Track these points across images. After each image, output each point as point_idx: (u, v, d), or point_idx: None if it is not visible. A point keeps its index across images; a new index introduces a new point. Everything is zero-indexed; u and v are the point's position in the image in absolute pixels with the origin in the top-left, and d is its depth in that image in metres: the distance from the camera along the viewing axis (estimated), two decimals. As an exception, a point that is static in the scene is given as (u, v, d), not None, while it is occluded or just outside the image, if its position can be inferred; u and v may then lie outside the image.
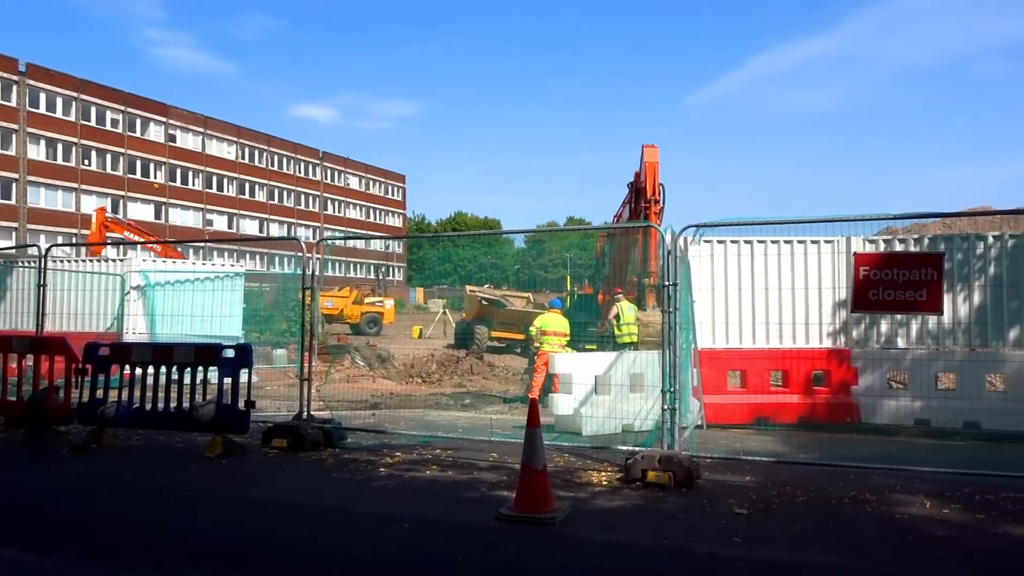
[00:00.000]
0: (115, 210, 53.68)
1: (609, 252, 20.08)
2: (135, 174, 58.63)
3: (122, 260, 15.36)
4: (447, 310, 35.59)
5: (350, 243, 77.60)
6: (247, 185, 69.37)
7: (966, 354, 10.08)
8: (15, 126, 50.05)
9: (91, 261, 16.18)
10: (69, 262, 16.07)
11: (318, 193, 77.92)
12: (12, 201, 49.94)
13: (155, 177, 60.53)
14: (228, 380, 8.05)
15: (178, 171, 62.37)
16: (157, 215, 60.04)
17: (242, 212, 68.55)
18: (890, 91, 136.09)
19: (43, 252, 10.49)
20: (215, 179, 66.06)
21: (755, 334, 10.46)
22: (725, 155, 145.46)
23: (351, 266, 75.43)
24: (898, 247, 10.69)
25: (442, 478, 6.97)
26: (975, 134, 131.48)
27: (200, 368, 8.23)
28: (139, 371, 8.52)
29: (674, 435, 6.85)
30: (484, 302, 25.02)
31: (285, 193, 73.79)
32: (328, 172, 79.68)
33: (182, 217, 62.44)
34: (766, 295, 10.38)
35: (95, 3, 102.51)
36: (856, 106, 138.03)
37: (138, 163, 58.94)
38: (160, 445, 8.67)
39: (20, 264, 15.84)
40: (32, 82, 50.99)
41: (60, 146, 53.08)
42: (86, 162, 54.90)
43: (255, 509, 6.06)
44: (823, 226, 9.45)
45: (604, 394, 9.45)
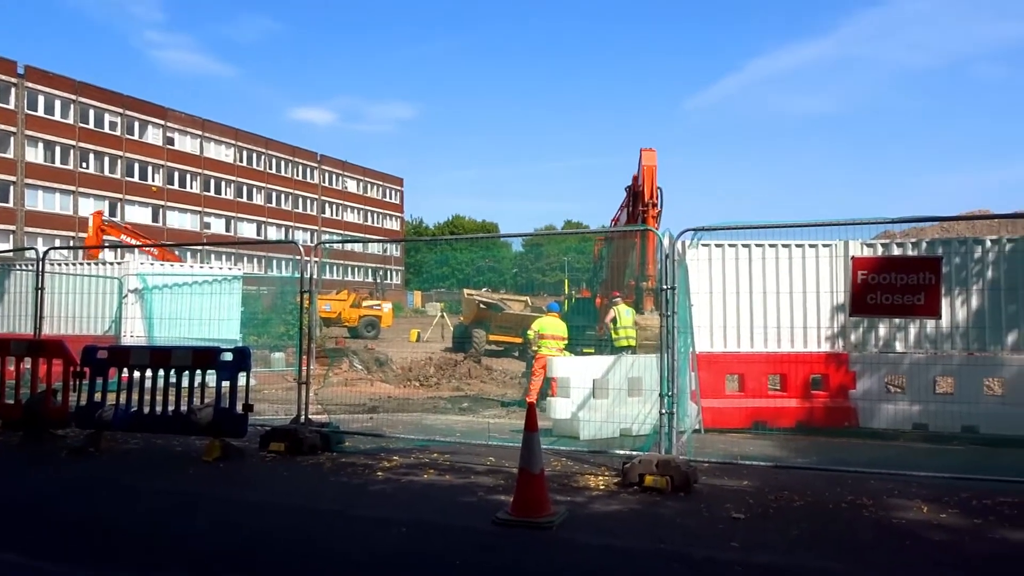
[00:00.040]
0: (113, 213, 53.71)
1: (607, 256, 20.07)
2: (133, 177, 58.61)
3: (120, 263, 15.37)
4: (445, 314, 35.56)
5: (348, 246, 77.63)
6: (245, 188, 69.35)
7: (964, 358, 10.09)
8: (13, 128, 50.01)
9: (89, 264, 16.17)
10: (67, 265, 16.06)
11: (316, 196, 77.92)
12: (10, 204, 49.89)
13: (153, 180, 60.53)
14: (226, 384, 8.04)
15: (176, 174, 62.36)
16: (155, 218, 60.02)
17: (240, 215, 68.53)
18: (889, 94, 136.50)
19: (41, 255, 10.47)
20: (213, 182, 66.05)
21: (753, 338, 10.46)
22: (724, 158, 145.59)
23: (349, 269, 75.42)
24: (896, 251, 10.70)
25: (440, 482, 6.97)
26: (973, 137, 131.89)
27: (198, 371, 8.24)
28: (137, 374, 8.53)
29: (672, 439, 6.84)
30: (482, 306, 25.04)
31: (283, 196, 73.79)
32: (326, 175, 79.69)
33: (180, 220, 62.41)
34: (764, 299, 10.38)
35: (94, 5, 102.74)
36: (855, 109, 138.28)
37: (136, 166, 58.93)
38: (158, 449, 8.66)
39: (18, 267, 15.80)
40: (31, 84, 50.98)
41: (58, 148, 53.04)
42: (84, 165, 54.87)
43: (253, 513, 6.06)
44: (821, 230, 9.50)
45: (602, 398, 9.44)
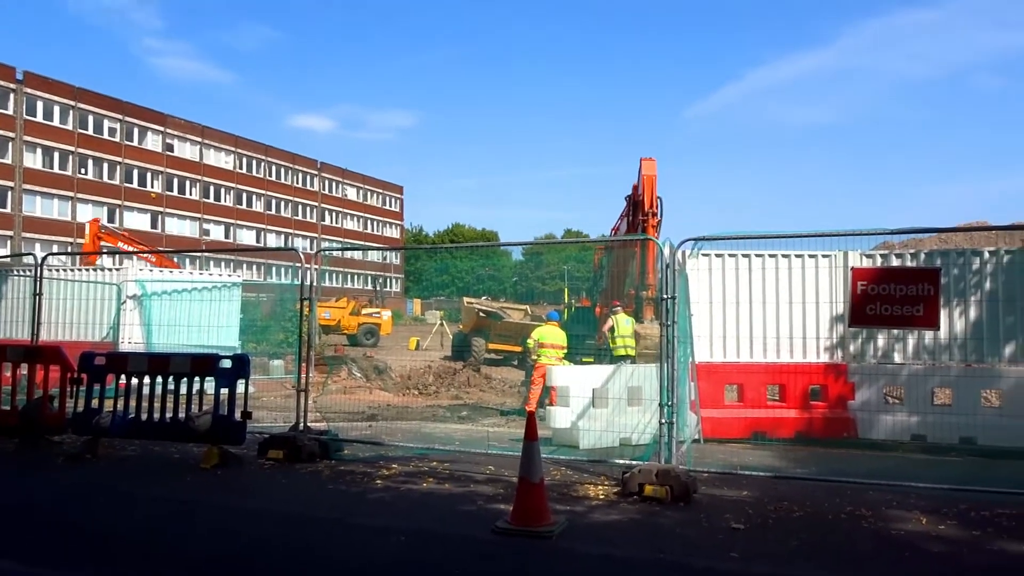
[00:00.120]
0: (111, 219, 53.74)
1: (607, 265, 20.10)
2: (132, 183, 58.63)
3: (118, 269, 15.33)
4: (444, 322, 35.50)
5: (347, 254, 77.62)
6: (244, 195, 69.39)
7: (962, 370, 10.11)
8: (12, 134, 50.04)
9: (87, 270, 16.14)
10: (65, 271, 16.04)
11: (316, 203, 77.96)
12: (8, 209, 49.87)
13: (152, 186, 60.52)
14: (225, 391, 8.02)
15: (175, 180, 62.39)
16: (154, 224, 60.01)
17: (239, 222, 68.53)
18: (888, 104, 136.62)
19: (39, 261, 10.45)
20: (212, 189, 66.08)
21: (752, 348, 10.47)
22: (724, 167, 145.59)
23: (348, 277, 75.44)
24: (895, 262, 10.73)
25: (439, 491, 6.96)
26: (972, 148, 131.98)
27: (196, 378, 8.23)
28: (135, 381, 8.50)
29: (671, 449, 6.83)
30: (481, 314, 25.02)
31: (282, 203, 73.83)
32: (326, 183, 79.76)
33: (179, 226, 62.40)
34: (764, 309, 10.40)
35: (94, 11, 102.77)
36: (855, 119, 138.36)
37: (135, 172, 58.95)
38: (155, 455, 8.64)
39: (16, 273, 15.77)
40: (29, 90, 51.04)
41: (57, 154, 53.07)
42: (83, 171, 54.87)
43: (251, 520, 6.04)
44: (821, 240, 9.49)
45: (602, 407, 9.43)
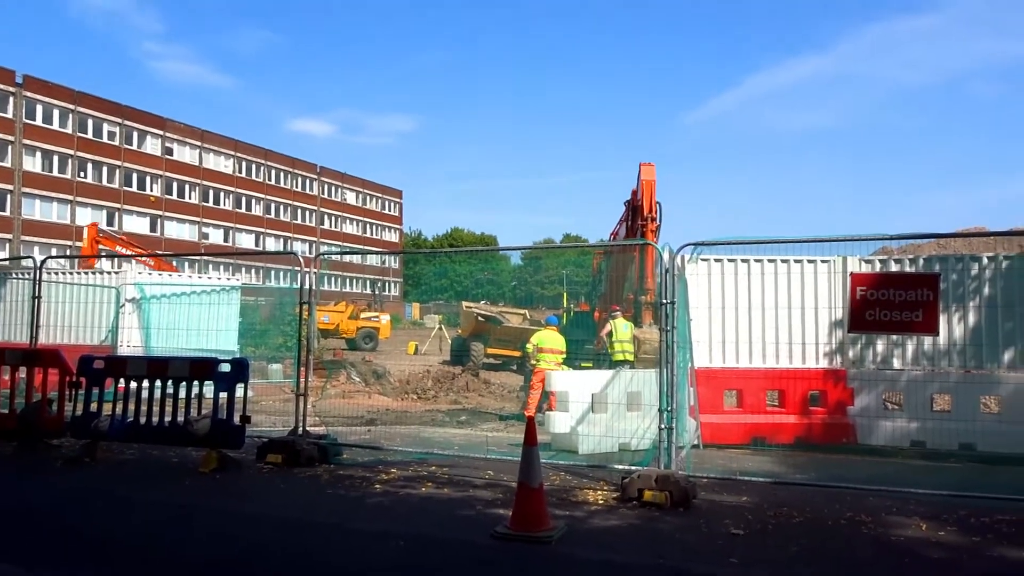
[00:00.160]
0: (111, 222, 53.77)
1: (606, 270, 20.11)
2: (131, 187, 58.66)
3: (117, 273, 15.33)
4: (443, 326, 35.50)
5: (347, 258, 77.63)
6: (244, 199, 69.43)
7: (961, 376, 10.10)
8: (11, 137, 50.07)
9: (86, 273, 16.13)
10: (64, 274, 16.02)
11: (315, 208, 78.01)
12: (7, 212, 49.88)
13: (151, 190, 60.56)
14: (224, 395, 8.00)
15: (175, 184, 62.42)
16: (153, 228, 60.02)
17: (238, 226, 68.55)
18: (886, 110, 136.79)
19: (38, 264, 10.45)
20: (211, 192, 66.13)
21: (752, 353, 10.47)
22: (723, 173, 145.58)
23: (347, 281, 75.44)
24: (894, 267, 10.75)
25: (438, 495, 6.95)
26: (969, 154, 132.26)
27: (195, 382, 8.22)
28: (134, 384, 8.49)
29: (671, 454, 6.82)
30: (480, 318, 25.02)
31: (282, 207, 73.87)
32: (325, 187, 79.84)
33: (178, 230, 62.41)
34: (763, 314, 10.40)
35: (94, 15, 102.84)
36: (853, 125, 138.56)
37: (134, 176, 58.98)
38: (154, 459, 8.62)
39: (15, 276, 15.76)
40: (29, 94, 51.09)
41: (56, 158, 53.11)
42: (82, 174, 54.90)
43: (249, 524, 6.02)
44: (819, 245, 9.52)
45: (601, 412, 9.41)
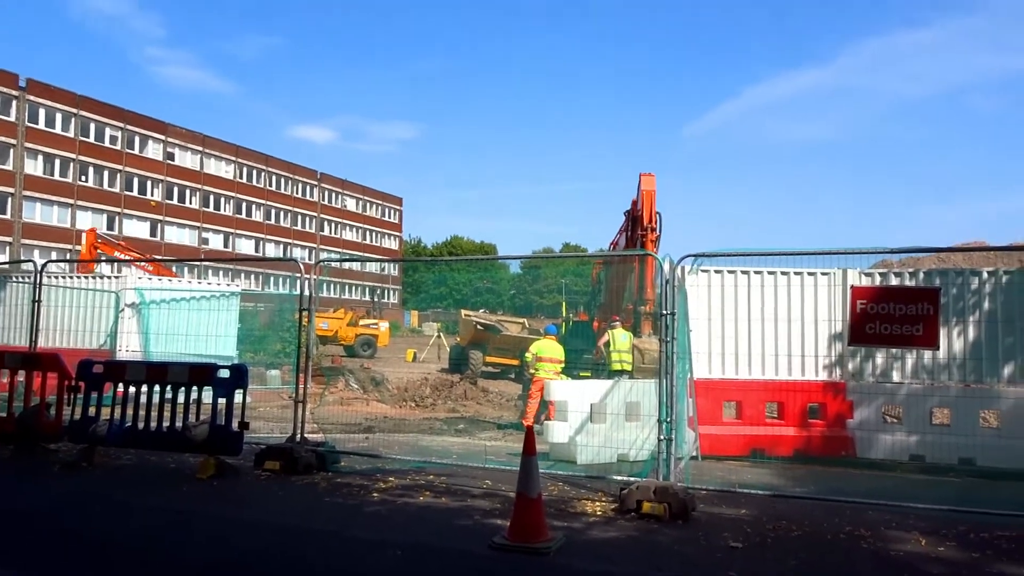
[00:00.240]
0: (111, 227, 53.82)
1: (605, 279, 20.13)
2: (132, 191, 58.72)
3: (117, 277, 15.33)
4: (442, 334, 35.53)
5: (346, 265, 77.68)
6: (244, 204, 69.49)
7: (960, 390, 10.09)
8: (13, 141, 50.14)
9: (86, 278, 16.12)
10: (64, 278, 16.02)
11: (315, 214, 78.06)
12: (8, 216, 49.88)
13: (152, 195, 60.63)
14: (222, 401, 7.97)
15: (175, 189, 62.51)
16: (153, 233, 60.05)
17: (238, 231, 68.59)
18: (886, 123, 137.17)
19: (38, 268, 10.43)
20: (212, 198, 66.19)
21: (751, 365, 10.47)
22: (723, 184, 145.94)
23: (347, 288, 75.44)
24: (894, 281, 10.75)
25: (436, 504, 6.92)
26: (970, 168, 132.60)
27: (194, 388, 8.19)
28: (132, 389, 8.46)
29: (670, 466, 6.80)
30: (479, 327, 25.03)
31: (282, 213, 73.92)
32: (325, 193, 79.90)
33: (178, 235, 62.44)
34: (762, 326, 10.40)
35: (96, 20, 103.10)
36: (853, 138, 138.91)
37: (135, 180, 59.04)
38: (151, 465, 8.59)
39: (15, 279, 15.76)
40: (32, 97, 51.18)
41: (58, 162, 53.16)
42: (83, 178, 54.96)
43: (247, 531, 6.00)
44: (820, 258, 9.53)
45: (600, 422, 9.38)
